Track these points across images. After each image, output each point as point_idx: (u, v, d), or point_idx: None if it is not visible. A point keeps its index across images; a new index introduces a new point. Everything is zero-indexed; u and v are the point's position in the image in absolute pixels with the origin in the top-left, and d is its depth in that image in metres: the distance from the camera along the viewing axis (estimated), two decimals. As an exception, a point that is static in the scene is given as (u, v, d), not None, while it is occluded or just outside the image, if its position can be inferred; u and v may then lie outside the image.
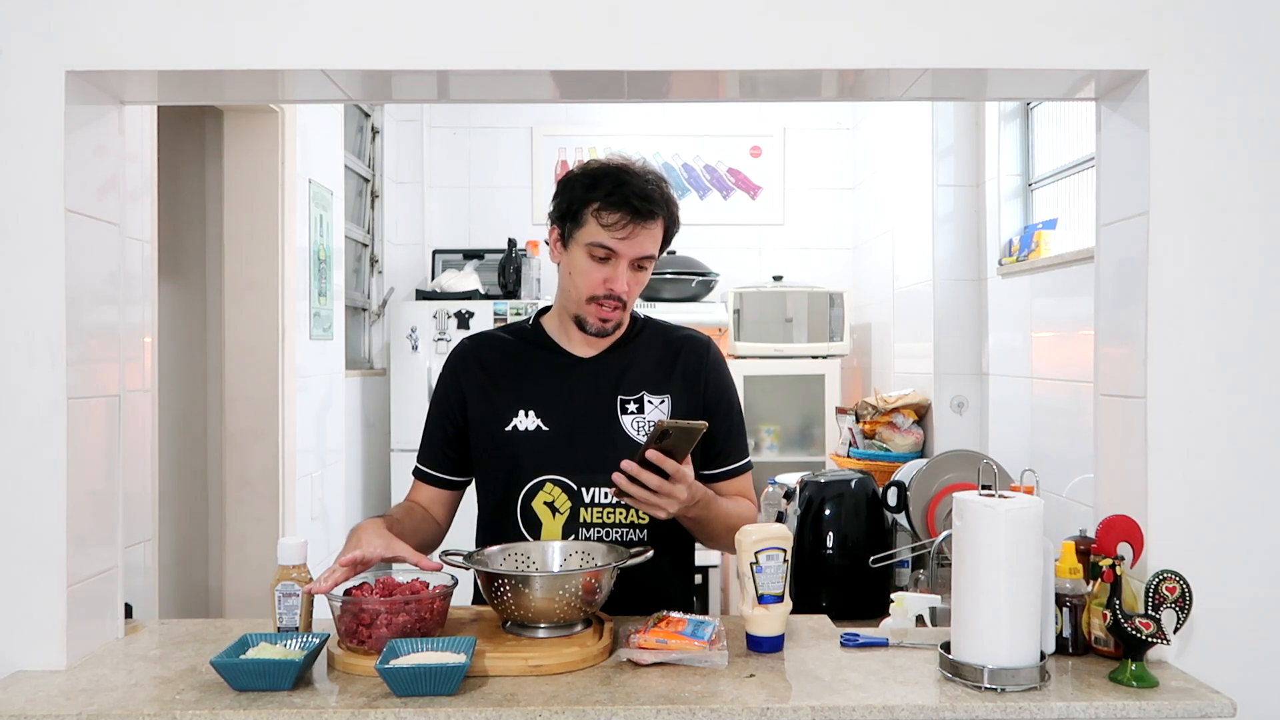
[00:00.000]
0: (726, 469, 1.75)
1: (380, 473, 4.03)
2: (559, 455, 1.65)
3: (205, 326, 2.85)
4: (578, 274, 1.64)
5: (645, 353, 1.73)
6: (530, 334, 1.76)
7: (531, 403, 1.68)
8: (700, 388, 1.72)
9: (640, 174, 1.63)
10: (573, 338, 1.72)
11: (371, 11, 1.44)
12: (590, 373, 1.70)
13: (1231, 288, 1.45)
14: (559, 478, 1.65)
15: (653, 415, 1.68)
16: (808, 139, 4.52)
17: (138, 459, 1.89)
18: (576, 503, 1.65)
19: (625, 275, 1.62)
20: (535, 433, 1.66)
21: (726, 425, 1.74)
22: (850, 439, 3.53)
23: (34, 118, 1.42)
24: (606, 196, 1.59)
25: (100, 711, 1.24)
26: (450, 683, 1.26)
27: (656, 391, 1.69)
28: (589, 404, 1.68)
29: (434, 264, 4.29)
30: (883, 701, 1.25)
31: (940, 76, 1.49)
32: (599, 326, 1.66)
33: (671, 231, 1.68)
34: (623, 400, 1.68)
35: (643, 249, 1.62)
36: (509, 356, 1.73)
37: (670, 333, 1.78)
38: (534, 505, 1.66)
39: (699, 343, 1.77)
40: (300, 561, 1.47)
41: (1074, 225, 2.79)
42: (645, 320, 1.79)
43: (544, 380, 1.70)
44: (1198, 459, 1.45)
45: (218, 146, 2.81)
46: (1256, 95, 1.44)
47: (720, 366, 1.77)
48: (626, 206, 1.58)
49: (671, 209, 1.66)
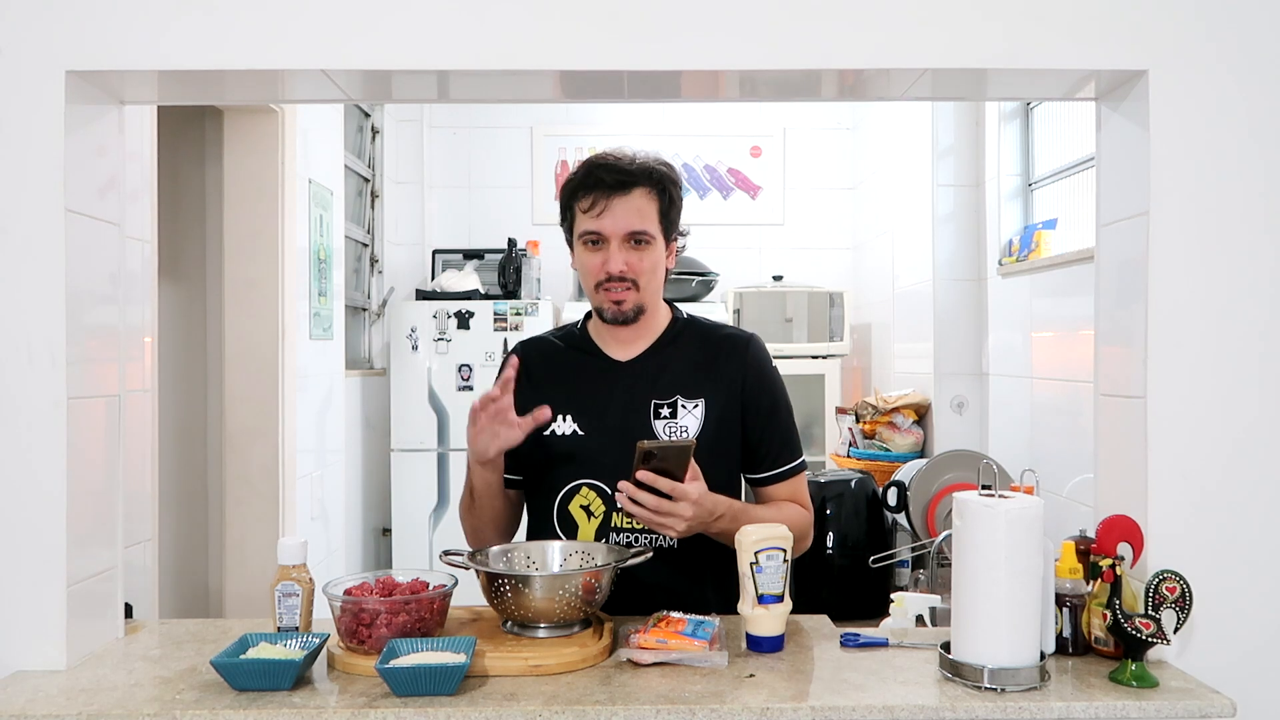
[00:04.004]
0: (773, 472, 1.71)
1: (380, 473, 4.03)
2: (593, 460, 1.65)
3: (205, 326, 2.85)
4: (580, 268, 1.67)
5: (683, 355, 1.71)
6: (577, 339, 1.76)
7: (571, 407, 1.68)
8: (738, 388, 1.69)
9: (616, 155, 1.64)
10: (611, 341, 1.72)
11: (371, 11, 1.44)
12: (628, 376, 1.69)
13: (1231, 288, 1.45)
14: (594, 482, 1.65)
15: (685, 420, 1.66)
16: (808, 139, 4.52)
17: (138, 459, 1.89)
18: (610, 507, 1.65)
19: (620, 255, 1.61)
20: (572, 437, 1.67)
21: (770, 426, 1.70)
22: (850, 439, 3.53)
23: (34, 118, 1.42)
24: (580, 184, 1.63)
25: (100, 711, 1.24)
26: (450, 683, 1.26)
27: (691, 395, 1.67)
28: (625, 408, 1.67)
29: (434, 264, 4.29)
30: (883, 701, 1.25)
31: (940, 76, 1.49)
32: (613, 311, 1.65)
33: (669, 201, 1.65)
34: (656, 404, 1.67)
35: (627, 223, 1.61)
36: (554, 362, 1.74)
37: (710, 333, 1.75)
38: (570, 509, 1.66)
39: (738, 341, 1.73)
40: (300, 561, 1.47)
41: (1074, 225, 2.79)
42: (688, 320, 1.76)
43: (584, 385, 1.70)
44: (1198, 459, 1.45)
45: (218, 146, 2.81)
46: (1256, 95, 1.44)
47: (761, 364, 1.73)
48: (599, 186, 1.61)
49: (656, 176, 1.64)
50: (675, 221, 1.69)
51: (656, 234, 1.64)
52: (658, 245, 1.65)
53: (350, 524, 3.63)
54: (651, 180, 1.63)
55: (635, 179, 1.62)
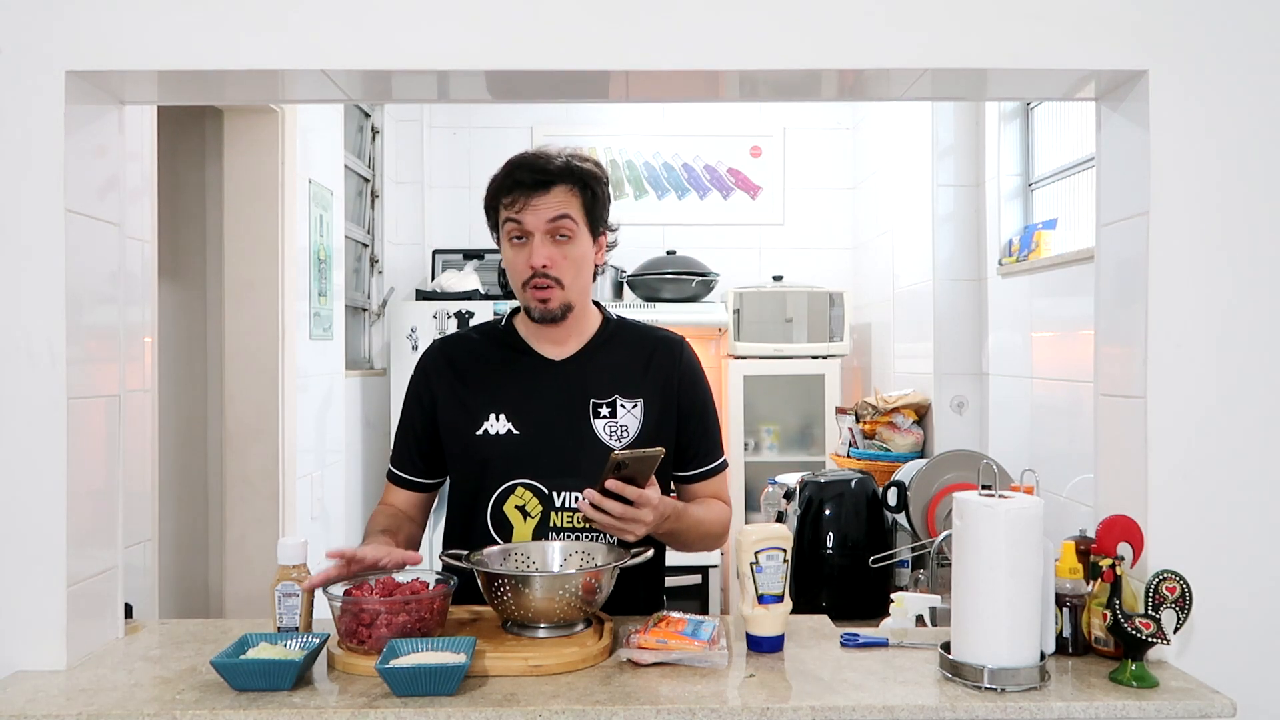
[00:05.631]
0: (701, 470, 1.75)
1: (380, 473, 4.02)
2: (530, 459, 1.64)
3: (205, 326, 2.85)
4: (507, 265, 1.67)
5: (618, 355, 1.72)
6: (502, 335, 1.74)
7: (503, 406, 1.67)
8: (674, 391, 1.71)
9: (534, 154, 1.65)
10: (542, 339, 1.71)
11: (371, 11, 1.44)
12: (562, 375, 1.69)
13: (1231, 288, 1.45)
14: (530, 481, 1.64)
15: (625, 419, 1.66)
16: (808, 139, 4.52)
17: (138, 459, 1.89)
18: (547, 507, 1.64)
19: (544, 249, 1.60)
20: (506, 436, 1.65)
21: (700, 427, 1.74)
22: (850, 439, 3.53)
23: (34, 118, 1.42)
24: (501, 185, 1.64)
25: (100, 711, 1.24)
26: (450, 683, 1.26)
27: (629, 395, 1.68)
28: (561, 407, 1.66)
29: (434, 264, 4.29)
30: (883, 701, 1.25)
31: (940, 76, 1.49)
32: (539, 309, 1.63)
33: (591, 196, 1.65)
34: (595, 404, 1.67)
35: (547, 213, 1.60)
36: (480, 359, 1.72)
37: (643, 334, 1.76)
38: (505, 509, 1.65)
39: (672, 344, 1.75)
40: (300, 561, 1.47)
41: (1074, 225, 2.79)
42: (619, 321, 1.77)
43: (516, 383, 1.69)
44: (1198, 459, 1.45)
45: (218, 146, 2.81)
46: (1256, 95, 1.44)
47: (693, 368, 1.75)
48: (518, 187, 1.62)
49: (578, 174, 1.64)
50: (601, 217, 1.68)
51: (579, 227, 1.63)
52: (581, 239, 1.64)
53: (350, 524, 3.63)
54: (573, 177, 1.63)
55: (554, 178, 1.62)
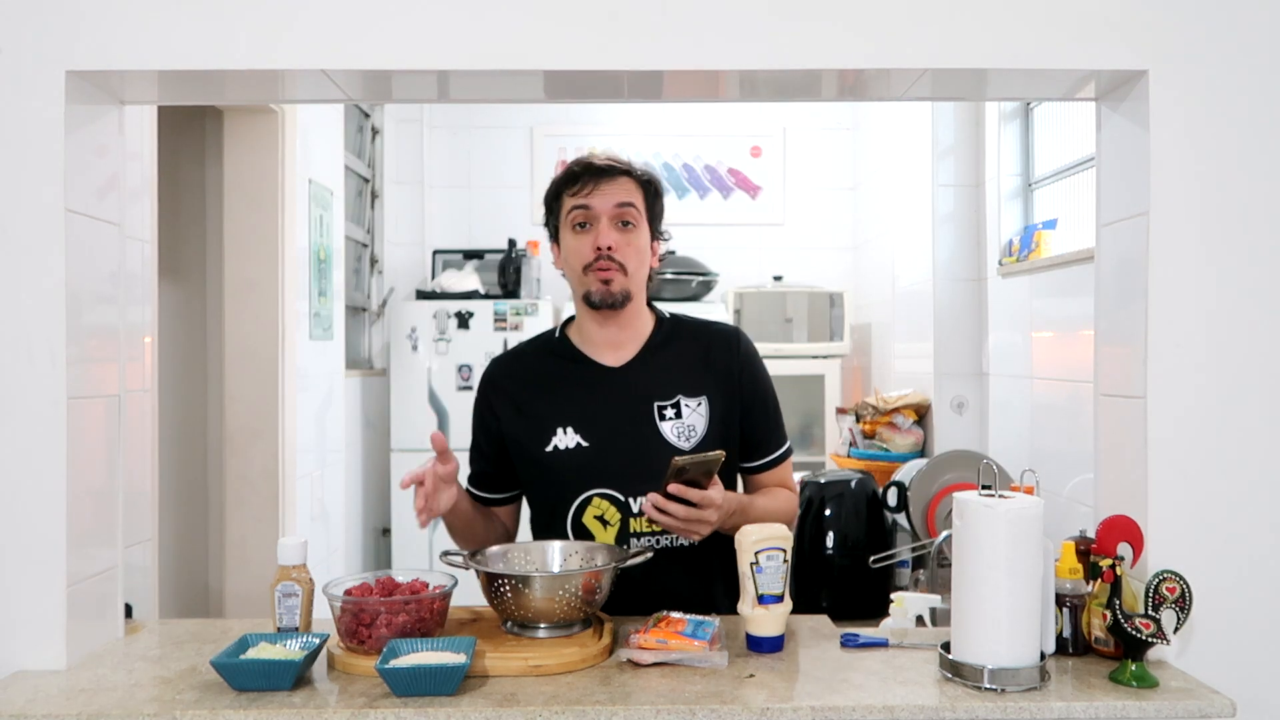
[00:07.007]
0: (766, 460, 1.75)
1: (380, 473, 4.03)
2: (602, 469, 1.65)
3: (205, 326, 2.85)
4: (569, 252, 1.68)
5: (676, 355, 1.72)
6: (557, 346, 1.75)
7: (569, 420, 1.67)
8: (735, 383, 1.70)
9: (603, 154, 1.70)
10: (600, 346, 1.71)
11: (371, 11, 1.44)
12: (623, 382, 1.69)
13: (1231, 288, 1.45)
14: (606, 491, 1.65)
15: (691, 419, 1.66)
16: (808, 139, 4.52)
17: (138, 459, 1.89)
18: (625, 514, 1.64)
19: (609, 233, 1.63)
20: (576, 450, 1.66)
21: (764, 416, 1.74)
22: (850, 439, 3.53)
23: (34, 118, 1.42)
24: (568, 176, 1.68)
25: (100, 711, 1.24)
26: (450, 683, 1.26)
27: (692, 394, 1.68)
28: (626, 414, 1.67)
29: (434, 264, 4.29)
30: (883, 701, 1.25)
31: (940, 76, 1.49)
32: (600, 292, 1.64)
33: (652, 195, 1.70)
34: (659, 407, 1.67)
35: (615, 198, 1.64)
36: (538, 375, 1.73)
37: (698, 329, 1.77)
38: (584, 520, 1.66)
39: (727, 336, 1.75)
40: (300, 561, 1.47)
41: (1074, 225, 2.79)
42: (672, 319, 1.77)
43: (578, 395, 1.69)
44: (1198, 459, 1.44)
45: (218, 146, 2.81)
46: (1256, 95, 1.44)
47: (752, 357, 1.75)
48: (587, 172, 1.66)
49: (638, 173, 1.69)
50: (659, 216, 1.72)
51: (642, 219, 1.67)
52: (643, 231, 1.68)
53: (350, 524, 3.63)
54: (637, 174, 1.69)
55: (617, 169, 1.67)
